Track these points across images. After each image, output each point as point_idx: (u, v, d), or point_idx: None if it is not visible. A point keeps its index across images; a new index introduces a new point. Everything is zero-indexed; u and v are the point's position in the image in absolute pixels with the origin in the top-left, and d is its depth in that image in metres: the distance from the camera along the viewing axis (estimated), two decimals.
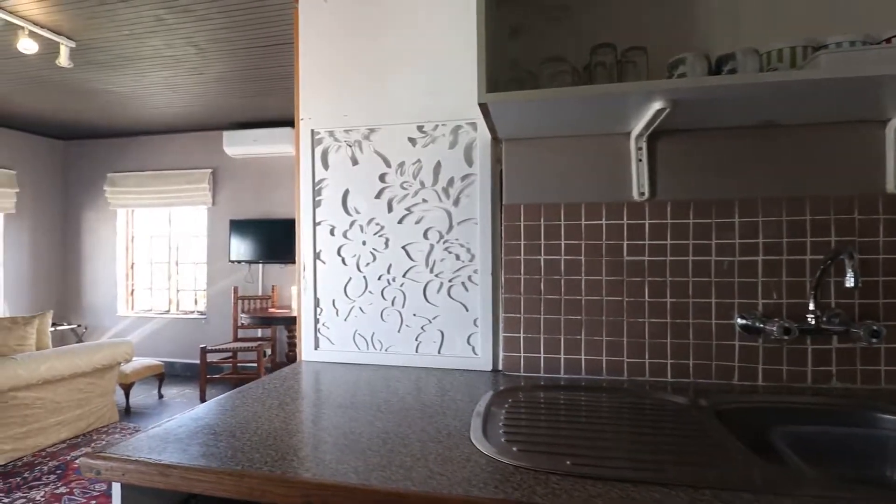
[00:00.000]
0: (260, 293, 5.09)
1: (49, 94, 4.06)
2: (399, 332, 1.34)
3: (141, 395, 4.44)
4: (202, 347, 4.37)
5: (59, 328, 5.25)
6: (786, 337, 1.05)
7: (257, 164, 5.15)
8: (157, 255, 5.59)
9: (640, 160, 1.20)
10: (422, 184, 1.32)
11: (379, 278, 1.35)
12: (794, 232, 1.14)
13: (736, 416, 1.00)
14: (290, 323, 4.44)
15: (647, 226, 1.21)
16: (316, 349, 1.39)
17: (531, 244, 1.25)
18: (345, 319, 1.38)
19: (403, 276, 1.33)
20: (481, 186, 1.28)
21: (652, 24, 1.20)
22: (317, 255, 1.39)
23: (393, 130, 1.34)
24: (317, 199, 1.39)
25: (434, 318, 1.32)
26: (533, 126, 1.16)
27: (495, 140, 1.27)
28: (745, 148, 1.16)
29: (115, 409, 3.76)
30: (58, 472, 2.93)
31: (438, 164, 1.31)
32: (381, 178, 1.35)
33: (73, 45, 3.04)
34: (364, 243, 1.36)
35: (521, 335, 1.25)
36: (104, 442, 3.37)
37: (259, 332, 5.01)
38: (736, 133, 1.16)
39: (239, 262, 5.12)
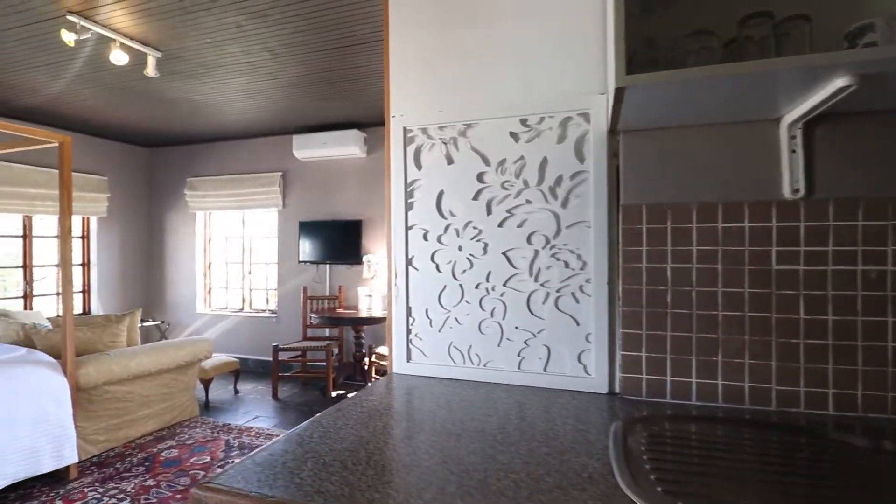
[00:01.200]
0: (327, 293, 5.17)
1: (136, 105, 4.30)
2: (499, 346, 1.22)
3: (218, 390, 4.62)
4: (275, 346, 4.48)
5: (145, 324, 5.59)
6: None
7: (324, 167, 5.23)
8: (231, 256, 5.84)
9: (794, 151, 1.01)
10: (525, 183, 1.20)
11: (477, 287, 1.24)
12: None
13: None
14: (357, 324, 4.46)
15: (801, 229, 1.01)
16: (408, 361, 1.30)
17: (655, 250, 1.09)
18: (439, 330, 1.28)
19: (504, 284, 1.22)
20: (595, 185, 1.14)
21: None
22: (409, 262, 1.30)
23: (492, 125, 1.22)
24: (409, 201, 1.30)
25: (539, 332, 1.19)
26: (664, 114, 1.00)
27: (611, 132, 1.12)
28: None
29: (195, 404, 3.92)
30: (146, 464, 3.06)
31: (544, 161, 1.18)
32: (480, 177, 1.24)
33: (159, 55, 3.17)
34: (460, 249, 1.26)
35: (644, 354, 1.10)
36: (187, 436, 3.51)
37: (326, 332, 5.09)
38: None
39: (307, 262, 5.23)
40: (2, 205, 4.45)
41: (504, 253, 1.22)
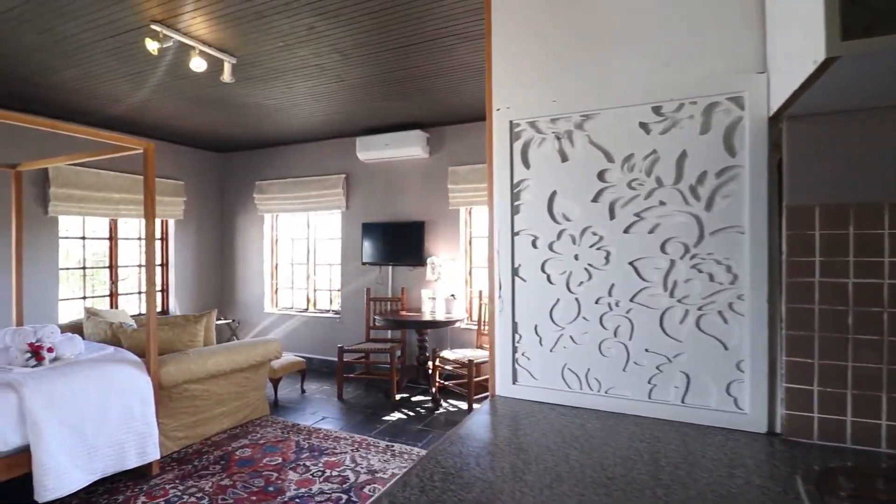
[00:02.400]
0: (390, 295, 5.14)
1: (210, 112, 4.44)
2: (624, 370, 1.06)
3: (286, 389, 4.69)
4: (340, 347, 4.49)
5: (217, 323, 5.80)
6: None
7: (387, 168, 5.20)
8: (296, 257, 5.95)
9: None
10: (658, 181, 1.02)
11: (597, 301, 1.08)
12: None
13: None
14: (422, 327, 4.39)
15: None
16: (514, 383, 1.16)
17: (833, 262, 0.89)
18: (550, 350, 1.13)
19: (631, 299, 1.05)
20: (751, 182, 0.95)
21: None
22: (515, 271, 1.16)
23: (617, 115, 1.06)
24: (515, 204, 1.16)
25: (675, 357, 1.02)
26: (867, 92, 0.80)
27: (773, 119, 0.93)
28: None
29: (266, 403, 3.99)
30: (222, 462, 3.12)
31: (683, 155, 1.00)
32: (601, 175, 1.08)
33: (234, 61, 3.22)
34: (577, 258, 1.10)
35: (815, 388, 0.90)
36: (259, 435, 3.56)
37: (388, 333, 5.06)
38: None
39: (370, 264, 5.22)
40: (91, 209, 4.74)
41: (631, 263, 1.05)
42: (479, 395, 4.10)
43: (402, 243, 5.04)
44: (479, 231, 5.03)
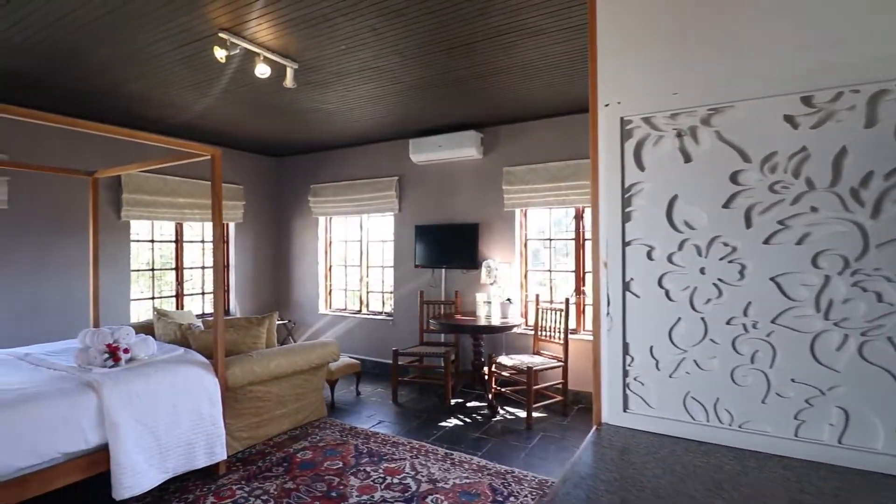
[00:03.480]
0: (442, 298, 5.07)
1: (269, 118, 4.52)
2: (764, 402, 0.92)
3: (341, 391, 4.72)
4: (395, 350, 4.46)
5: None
6: None
7: (440, 169, 5.14)
8: (349, 259, 6.00)
9: None
10: (808, 184, 0.88)
11: (728, 322, 0.95)
12: None
13: None
14: (478, 332, 4.29)
15: None
16: (625, 411, 1.04)
17: None
18: (670, 375, 1.00)
19: (773, 321, 0.91)
20: None
21: None
22: (626, 286, 1.04)
23: (755, 107, 0.92)
24: (626, 210, 1.04)
25: (830, 389, 0.87)
26: None
27: None
28: None
29: (324, 405, 4.01)
30: (284, 464, 3.14)
31: (842, 153, 0.85)
32: (734, 178, 0.94)
33: (296, 66, 3.24)
34: (703, 271, 0.97)
35: None
36: (318, 437, 3.57)
37: (442, 337, 5.00)
38: None
39: (423, 266, 5.18)
40: (159, 213, 4.95)
41: (773, 279, 0.91)
42: (538, 404, 3.96)
43: (455, 246, 4.96)
44: (535, 233, 4.88)
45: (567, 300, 4.12)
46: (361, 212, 5.63)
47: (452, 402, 4.38)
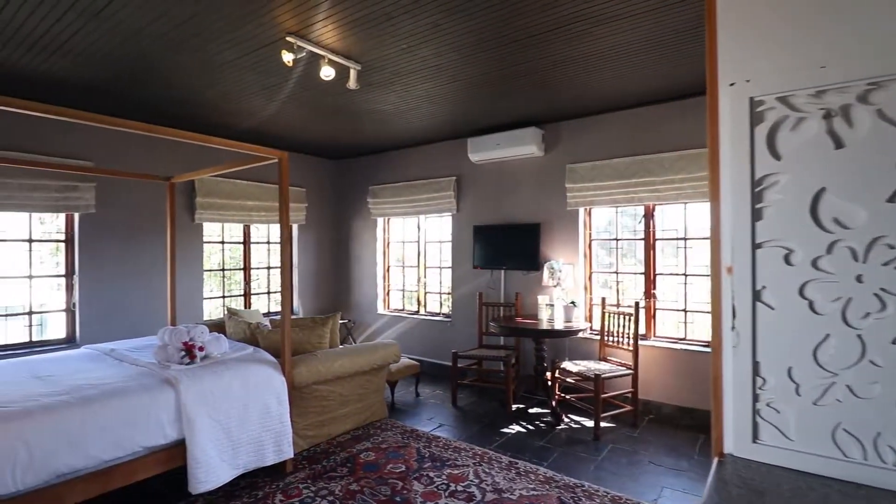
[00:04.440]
0: (502, 300, 4.95)
1: (331, 120, 4.59)
2: None
3: (400, 392, 4.71)
4: (454, 353, 4.39)
5: None
6: None
7: (499, 168, 5.02)
8: (407, 260, 6.00)
9: None
10: None
11: (894, 341, 0.78)
12: None
13: None
14: (541, 336, 4.14)
15: None
16: (754, 441, 0.89)
17: None
18: (814, 402, 0.84)
19: None
20: None
21: None
22: (756, 295, 0.89)
23: None
24: (756, 207, 0.89)
25: None
26: None
27: None
28: None
29: (384, 405, 4.01)
30: (348, 465, 3.14)
31: None
32: None
33: (359, 67, 3.23)
34: (859, 279, 0.80)
35: None
36: (380, 438, 3.56)
37: (501, 340, 4.87)
38: None
39: (481, 267, 5.07)
40: (229, 216, 5.16)
41: None
42: (606, 414, 3.75)
43: (515, 246, 4.82)
44: (600, 233, 4.65)
45: (637, 304, 3.88)
46: (419, 212, 5.60)
47: (514, 407, 4.25)
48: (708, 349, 3.89)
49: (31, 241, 4.12)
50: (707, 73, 0.94)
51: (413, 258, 5.91)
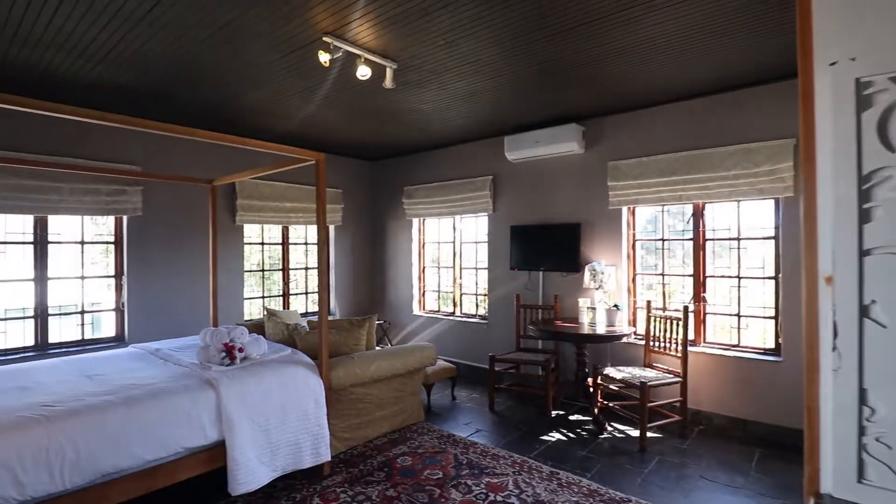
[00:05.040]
0: (540, 302, 4.80)
1: (367, 121, 4.57)
2: None
3: (436, 395, 4.65)
4: (491, 356, 4.29)
5: None
6: None
7: (537, 167, 4.88)
8: (443, 261, 5.94)
9: None
10: None
11: None
12: None
13: None
14: (582, 341, 3.98)
15: None
16: (859, 481, 0.76)
17: None
18: None
19: None
20: None
21: None
22: (863, 311, 0.76)
23: None
24: (864, 206, 0.76)
25: None
26: None
27: None
28: None
29: (421, 409, 3.95)
30: (385, 469, 3.09)
31: None
32: None
33: (395, 66, 3.18)
34: None
35: None
36: (416, 443, 3.50)
37: (539, 343, 4.73)
38: None
39: (519, 269, 4.95)
40: (268, 217, 5.24)
41: None
42: (652, 423, 3.57)
43: (553, 247, 4.67)
44: (644, 233, 4.44)
45: (685, 308, 3.66)
46: (455, 213, 5.53)
47: (553, 413, 4.12)
48: (765, 356, 3.63)
49: (83, 242, 4.29)
50: (798, 52, 0.81)
51: (448, 259, 5.85)
